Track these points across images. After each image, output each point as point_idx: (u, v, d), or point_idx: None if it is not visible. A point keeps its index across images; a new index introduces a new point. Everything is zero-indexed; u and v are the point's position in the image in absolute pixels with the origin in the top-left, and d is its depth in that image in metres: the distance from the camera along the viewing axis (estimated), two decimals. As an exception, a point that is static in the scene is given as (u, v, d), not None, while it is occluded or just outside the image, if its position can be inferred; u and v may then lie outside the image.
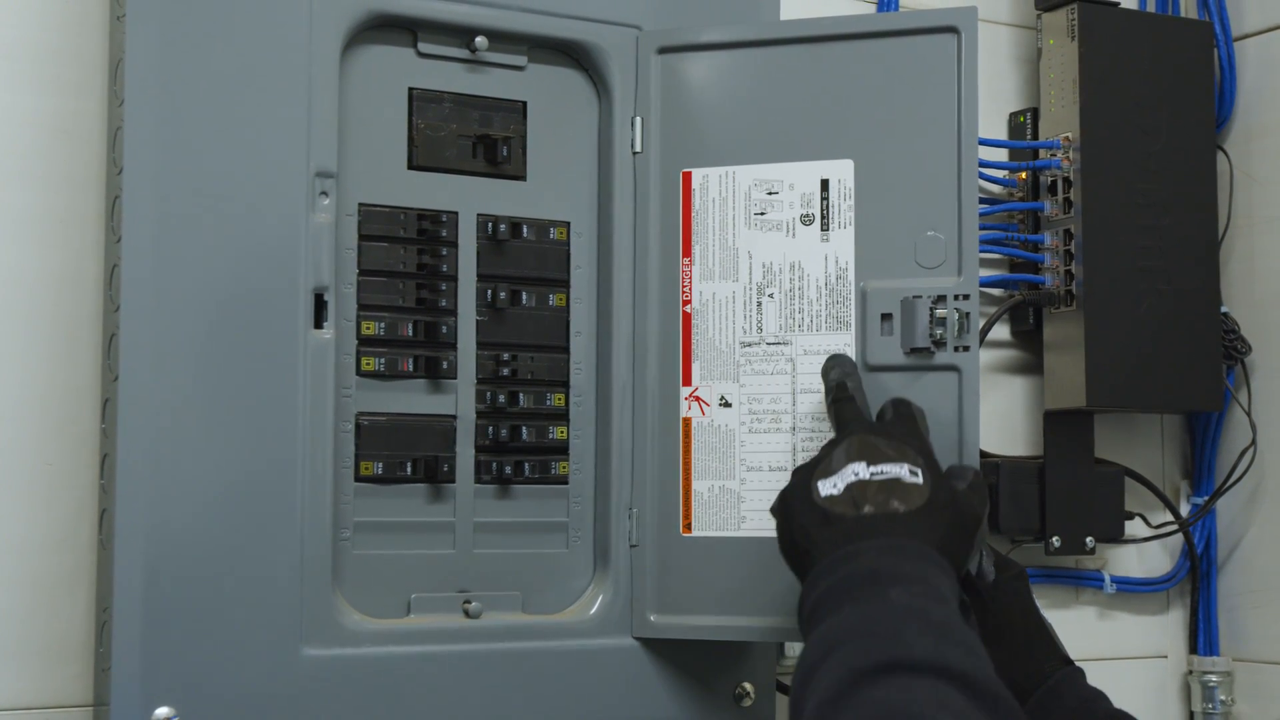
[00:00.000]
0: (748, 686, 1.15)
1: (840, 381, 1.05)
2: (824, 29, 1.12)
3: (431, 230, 1.10)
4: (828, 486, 0.95)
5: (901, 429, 1.01)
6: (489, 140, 1.12)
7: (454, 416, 1.10)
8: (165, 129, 1.00)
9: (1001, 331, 1.39)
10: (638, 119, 1.15)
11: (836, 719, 0.78)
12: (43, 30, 1.06)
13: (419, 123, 1.10)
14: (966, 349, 1.09)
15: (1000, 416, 1.39)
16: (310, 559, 1.02)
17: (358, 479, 1.07)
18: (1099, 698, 1.05)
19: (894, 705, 0.77)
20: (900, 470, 0.96)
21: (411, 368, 1.09)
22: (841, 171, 1.12)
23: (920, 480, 0.95)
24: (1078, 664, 1.07)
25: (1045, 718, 1.03)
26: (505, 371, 1.12)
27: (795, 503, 0.97)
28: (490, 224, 1.12)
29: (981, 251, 1.28)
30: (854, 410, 1.03)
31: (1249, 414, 1.42)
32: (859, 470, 0.96)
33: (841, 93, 1.12)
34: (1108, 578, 1.40)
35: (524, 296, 1.13)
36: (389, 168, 1.09)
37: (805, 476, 0.97)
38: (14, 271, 1.05)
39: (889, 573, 0.89)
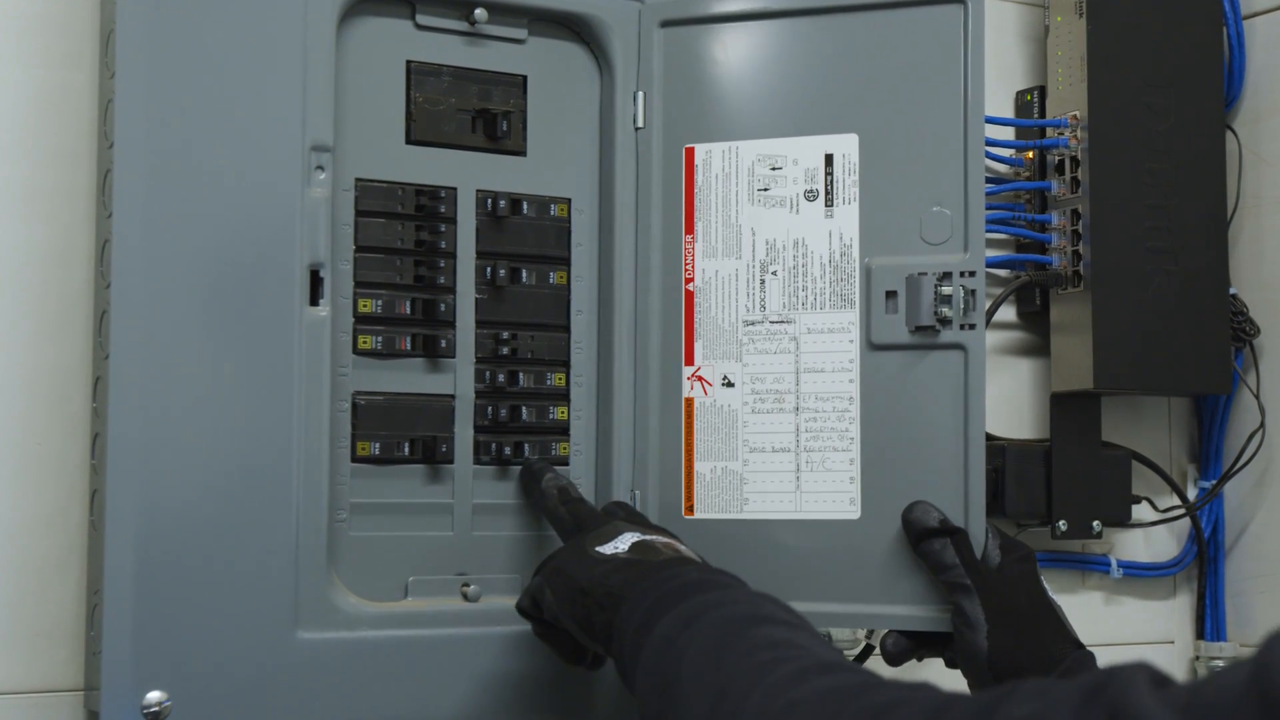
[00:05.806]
0: (751, 671, 1.13)
1: (564, 485, 1.06)
2: (828, 1, 1.11)
3: (430, 206, 1.08)
4: (610, 548, 0.96)
5: (643, 518, 1.05)
6: (489, 114, 1.10)
7: (452, 396, 1.09)
8: (157, 101, 0.98)
9: (1008, 313, 1.38)
10: (640, 93, 1.13)
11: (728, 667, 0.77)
12: (31, 0, 1.04)
13: (417, 96, 1.09)
14: (972, 327, 1.07)
15: (1006, 399, 1.37)
16: (305, 541, 1.00)
17: (354, 459, 1.05)
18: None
19: (780, 638, 0.78)
20: (673, 538, 0.99)
21: (409, 346, 1.07)
22: (846, 146, 1.10)
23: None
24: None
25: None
26: (505, 350, 1.10)
27: (573, 565, 0.95)
28: (490, 200, 1.10)
29: (988, 231, 1.26)
30: (592, 508, 1.05)
31: (1257, 397, 1.40)
32: (635, 535, 0.97)
33: (846, 66, 1.10)
34: (1114, 562, 1.39)
35: (524, 274, 1.11)
36: (387, 142, 1.08)
37: (575, 547, 0.97)
38: (2, 247, 1.03)
39: (715, 581, 0.89)
